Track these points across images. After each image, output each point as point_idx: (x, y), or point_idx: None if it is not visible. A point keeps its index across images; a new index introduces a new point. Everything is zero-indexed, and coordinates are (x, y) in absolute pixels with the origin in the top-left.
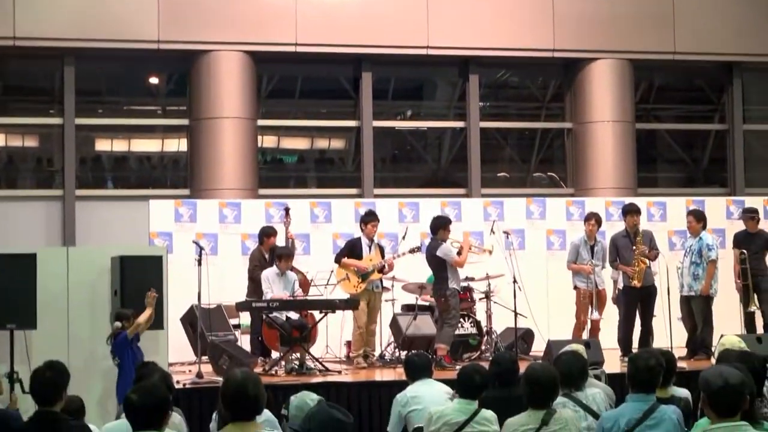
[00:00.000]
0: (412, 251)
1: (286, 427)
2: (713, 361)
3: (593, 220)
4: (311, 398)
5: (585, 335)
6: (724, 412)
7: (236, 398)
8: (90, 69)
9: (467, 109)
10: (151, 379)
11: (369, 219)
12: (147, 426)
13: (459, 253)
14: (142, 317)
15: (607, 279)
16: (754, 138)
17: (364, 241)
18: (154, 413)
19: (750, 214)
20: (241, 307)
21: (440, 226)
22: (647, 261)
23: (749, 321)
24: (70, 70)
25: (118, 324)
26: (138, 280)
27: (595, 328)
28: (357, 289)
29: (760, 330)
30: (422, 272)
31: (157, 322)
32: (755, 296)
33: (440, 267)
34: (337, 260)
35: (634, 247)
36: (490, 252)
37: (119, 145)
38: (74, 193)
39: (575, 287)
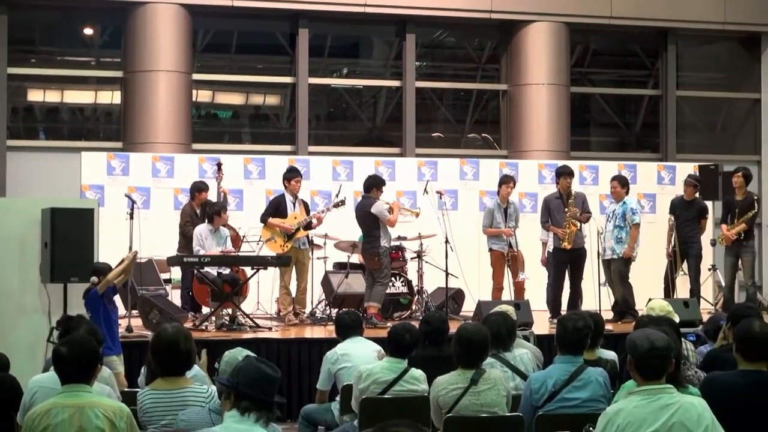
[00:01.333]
0: (336, 206)
1: (215, 380)
2: None
3: (511, 182)
4: (242, 354)
5: (507, 299)
6: (649, 374)
7: (167, 353)
8: (24, 18)
9: (403, 69)
10: (79, 332)
11: (292, 175)
12: (76, 379)
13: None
14: (112, 273)
15: (536, 240)
16: (687, 104)
17: (288, 198)
18: (84, 366)
19: (692, 181)
20: (172, 261)
21: (374, 185)
22: (578, 224)
23: (671, 287)
24: (2, 19)
25: (94, 279)
26: (68, 232)
27: (520, 290)
28: (283, 249)
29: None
30: (355, 230)
31: (87, 275)
32: (684, 263)
33: (373, 225)
34: (263, 220)
35: (566, 210)
36: (417, 214)
37: (52, 96)
38: (5, 144)
39: (490, 249)
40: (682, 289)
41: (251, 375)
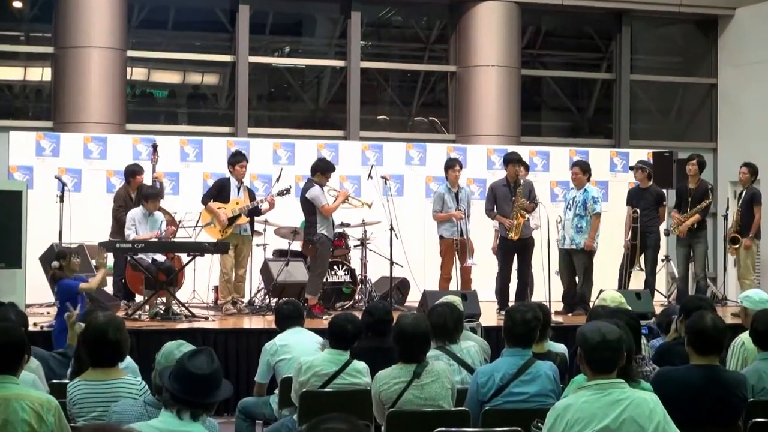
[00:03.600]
0: (281, 194)
1: (158, 374)
2: None
3: (457, 165)
4: (180, 349)
5: (454, 287)
6: (600, 368)
7: (97, 343)
8: None
9: (348, 48)
10: (6, 321)
11: (237, 159)
12: (1, 370)
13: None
14: (94, 281)
15: (485, 228)
16: (641, 89)
17: (233, 183)
18: (10, 356)
19: (642, 166)
20: (104, 247)
21: (319, 169)
22: (526, 215)
23: (625, 279)
24: None
25: (55, 263)
26: None
27: (467, 277)
28: (223, 234)
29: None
30: (296, 216)
31: (15, 260)
32: (641, 255)
33: (310, 211)
34: (204, 202)
35: (513, 199)
36: (369, 206)
37: None
38: None
39: (440, 237)
40: (636, 282)
41: (184, 378)
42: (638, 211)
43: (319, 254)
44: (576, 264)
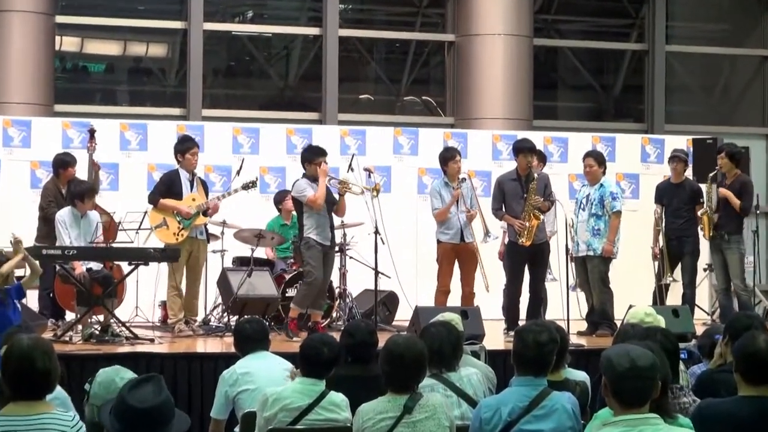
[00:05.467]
0: (245, 187)
1: (88, 406)
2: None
3: (457, 156)
4: (121, 377)
5: (454, 302)
6: (629, 401)
7: (20, 372)
8: None
9: (323, 13)
10: None
11: (186, 146)
12: None
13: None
14: (6, 266)
15: (494, 228)
16: (679, 62)
17: (184, 175)
18: None
19: (682, 155)
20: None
21: (305, 159)
22: (541, 216)
23: (659, 295)
24: None
25: None
26: None
27: (469, 293)
28: (178, 237)
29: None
30: (261, 216)
31: None
32: (677, 264)
33: (300, 211)
34: (152, 201)
35: (524, 196)
36: (376, 190)
37: None
38: None
39: (438, 241)
40: (674, 297)
41: (126, 415)
42: (658, 210)
43: (304, 261)
44: (590, 272)
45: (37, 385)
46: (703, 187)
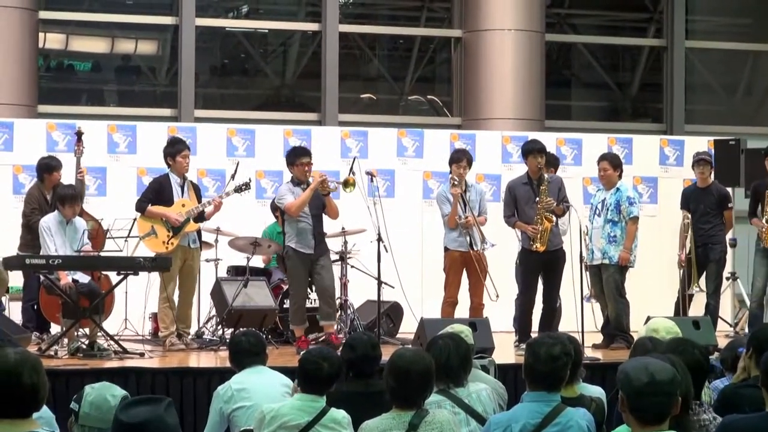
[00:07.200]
0: (239, 189)
1: (77, 427)
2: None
3: (464, 161)
4: (113, 394)
5: (462, 314)
6: (647, 418)
7: (6, 388)
8: None
9: (323, 7)
10: None
11: (176, 149)
12: None
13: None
14: None
15: (501, 235)
16: (699, 59)
17: (175, 180)
18: None
19: (707, 158)
20: (10, 264)
21: (288, 161)
22: (554, 218)
23: (682, 305)
24: None
25: None
26: None
27: (478, 304)
28: (168, 246)
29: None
30: (257, 223)
31: None
32: (702, 272)
33: (283, 219)
34: (140, 208)
35: (537, 200)
36: (351, 184)
37: None
38: None
39: (445, 249)
40: (696, 308)
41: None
42: (689, 217)
43: (288, 273)
44: (605, 282)
45: (23, 403)
46: (739, 192)
